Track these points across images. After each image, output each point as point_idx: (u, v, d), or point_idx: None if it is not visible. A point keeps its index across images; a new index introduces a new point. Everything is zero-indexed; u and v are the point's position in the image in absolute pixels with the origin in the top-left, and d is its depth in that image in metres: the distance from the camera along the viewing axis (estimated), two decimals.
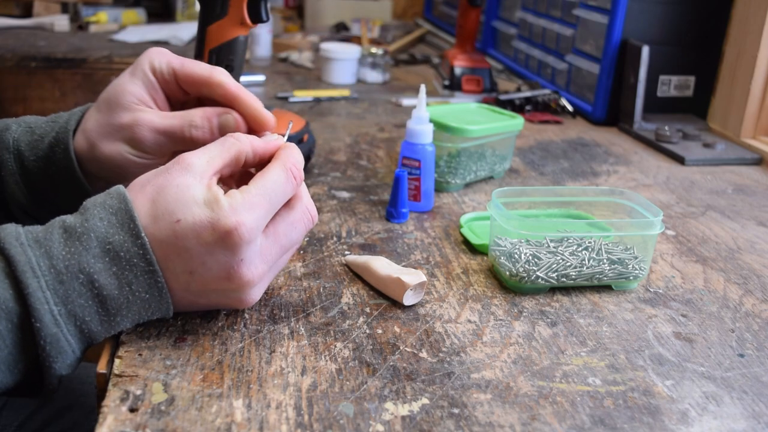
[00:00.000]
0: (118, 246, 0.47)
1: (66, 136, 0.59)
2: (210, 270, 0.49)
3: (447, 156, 0.88)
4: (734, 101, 1.17)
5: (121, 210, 0.48)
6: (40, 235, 0.47)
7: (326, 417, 0.46)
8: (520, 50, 1.60)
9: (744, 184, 0.99)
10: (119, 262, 0.47)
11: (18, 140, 0.61)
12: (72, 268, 0.46)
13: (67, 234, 0.47)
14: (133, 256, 0.47)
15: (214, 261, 0.49)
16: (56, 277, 0.46)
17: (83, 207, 0.49)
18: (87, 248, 0.47)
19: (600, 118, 1.26)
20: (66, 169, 0.60)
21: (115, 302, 0.48)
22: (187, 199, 0.48)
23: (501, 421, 0.47)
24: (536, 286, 0.64)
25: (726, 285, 0.69)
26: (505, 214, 0.64)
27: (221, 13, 0.76)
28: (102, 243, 0.47)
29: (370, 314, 0.59)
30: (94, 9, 2.15)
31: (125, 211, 0.48)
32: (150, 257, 0.48)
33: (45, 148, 0.60)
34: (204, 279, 0.50)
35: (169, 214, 0.48)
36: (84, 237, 0.47)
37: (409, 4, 2.50)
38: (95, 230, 0.47)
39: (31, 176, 0.61)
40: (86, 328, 0.47)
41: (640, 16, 1.20)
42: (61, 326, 0.46)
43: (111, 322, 0.48)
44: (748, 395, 0.51)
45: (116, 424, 0.44)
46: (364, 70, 1.51)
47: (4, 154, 0.61)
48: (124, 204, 0.48)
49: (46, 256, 0.46)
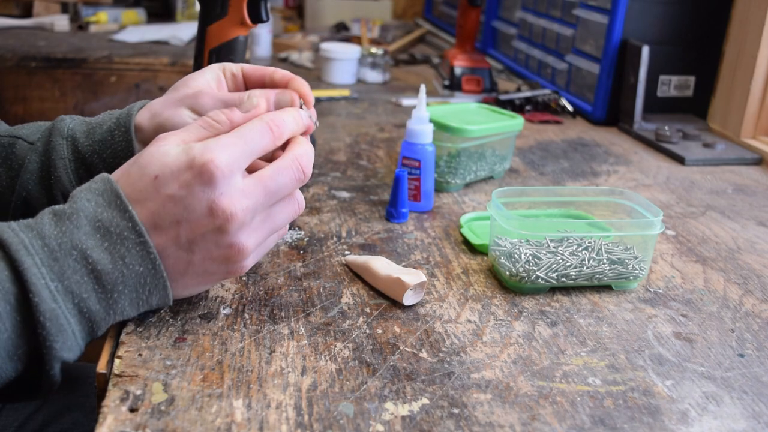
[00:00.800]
0: (108, 222, 0.48)
1: (128, 120, 0.61)
2: (194, 211, 0.50)
3: (447, 156, 0.88)
4: (734, 101, 1.17)
5: (106, 191, 0.50)
6: (30, 222, 0.48)
7: (326, 417, 0.46)
8: (520, 50, 1.60)
9: (744, 184, 0.99)
10: (110, 237, 0.48)
11: (73, 129, 0.62)
12: (65, 246, 0.47)
13: (56, 217, 0.48)
14: (123, 230, 0.48)
15: (196, 200, 0.50)
16: (50, 254, 0.47)
17: (72, 195, 0.51)
18: (77, 226, 0.48)
19: (600, 118, 1.26)
20: (123, 151, 0.61)
21: (110, 277, 0.48)
22: (161, 155, 0.50)
23: (501, 421, 0.47)
24: (536, 286, 0.64)
25: (726, 285, 0.69)
26: (505, 214, 0.64)
27: (221, 13, 0.76)
28: (91, 221, 0.48)
29: (370, 314, 0.59)
30: (94, 9, 2.15)
31: (111, 190, 0.50)
32: (139, 228, 0.49)
33: (103, 133, 0.61)
34: (190, 224, 0.50)
35: (147, 175, 0.50)
36: (74, 217, 0.48)
37: (409, 4, 2.50)
38: (84, 210, 0.49)
39: (84, 161, 0.62)
40: (84, 306, 0.48)
41: (640, 16, 1.20)
42: (59, 302, 0.46)
43: (109, 300, 0.49)
44: (748, 395, 0.51)
45: (116, 424, 0.44)
46: (364, 70, 1.51)
47: (58, 140, 0.62)
48: (108, 185, 0.50)
49: (38, 237, 0.47)
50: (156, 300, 0.52)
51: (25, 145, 0.63)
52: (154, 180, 0.50)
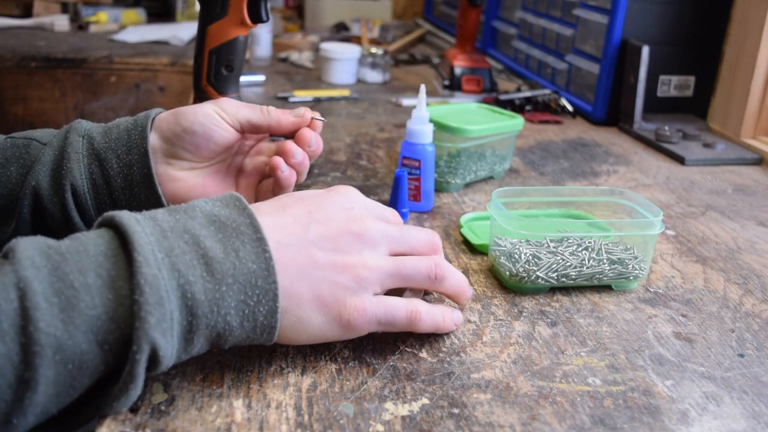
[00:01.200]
0: (224, 217, 0.47)
1: (146, 120, 0.62)
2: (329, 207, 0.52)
3: (447, 156, 0.88)
4: (734, 101, 1.17)
5: (225, 197, 0.49)
6: (145, 213, 0.46)
7: (326, 417, 0.46)
8: (520, 50, 1.60)
9: (744, 184, 0.99)
10: (225, 230, 0.46)
11: (90, 129, 0.63)
12: (176, 229, 0.45)
13: (171, 210, 0.47)
14: (240, 225, 0.46)
15: (332, 205, 0.52)
16: (161, 232, 0.44)
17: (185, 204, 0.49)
18: (192, 217, 0.46)
19: (600, 118, 1.26)
20: (137, 147, 0.61)
21: (221, 266, 0.44)
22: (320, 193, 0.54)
23: (501, 421, 0.47)
24: (536, 286, 0.64)
25: (726, 285, 0.69)
26: (505, 214, 0.64)
27: (221, 13, 0.76)
28: (207, 215, 0.47)
29: None
30: (94, 9, 2.15)
31: (231, 196, 0.49)
32: (257, 224, 0.46)
33: (120, 131, 0.62)
34: (325, 216, 0.51)
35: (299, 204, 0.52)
36: (189, 210, 0.47)
37: (409, 4, 2.50)
38: (200, 206, 0.48)
39: (98, 156, 0.61)
40: (189, 290, 0.42)
41: (640, 16, 1.20)
42: (163, 273, 0.42)
43: (215, 292, 0.43)
44: (748, 395, 0.51)
45: (116, 424, 0.44)
46: (364, 70, 1.51)
47: (74, 137, 0.62)
48: (227, 193, 0.50)
49: (150, 220, 0.45)
50: (262, 313, 0.46)
51: (39, 145, 0.62)
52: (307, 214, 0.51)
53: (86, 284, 0.40)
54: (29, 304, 0.38)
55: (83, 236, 0.44)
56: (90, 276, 0.40)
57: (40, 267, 0.40)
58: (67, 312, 0.39)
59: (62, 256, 0.41)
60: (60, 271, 0.40)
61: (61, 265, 0.40)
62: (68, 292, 0.39)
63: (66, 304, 0.39)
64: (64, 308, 0.39)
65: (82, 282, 0.40)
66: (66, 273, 0.40)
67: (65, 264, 0.40)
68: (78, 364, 0.40)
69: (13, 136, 0.64)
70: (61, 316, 0.39)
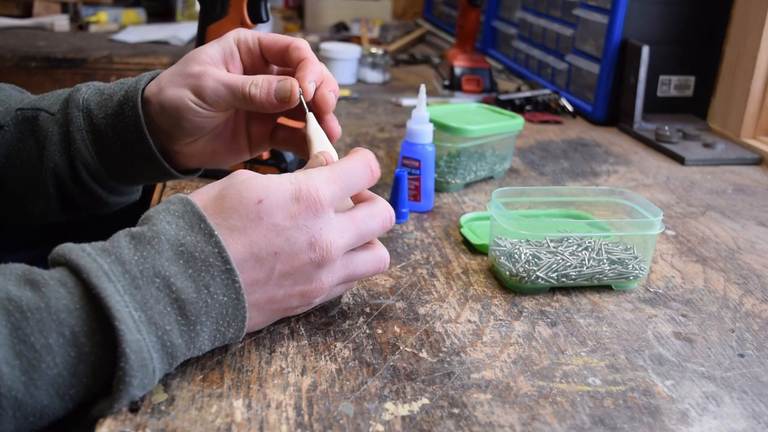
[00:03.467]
0: (192, 246, 0.45)
1: (135, 94, 0.60)
2: (295, 244, 0.49)
3: (447, 156, 0.88)
4: (734, 101, 1.17)
5: (187, 212, 0.47)
6: (106, 245, 0.45)
7: (326, 417, 0.46)
8: (520, 50, 1.60)
9: (744, 184, 0.99)
10: (194, 264, 0.45)
11: (88, 99, 0.62)
12: (146, 273, 0.44)
13: (135, 240, 0.45)
14: (208, 256, 0.45)
15: (299, 231, 0.49)
16: (132, 282, 0.43)
17: (145, 217, 0.47)
18: (159, 251, 0.44)
19: (600, 118, 1.26)
20: (133, 126, 0.60)
21: (194, 307, 0.45)
22: (263, 181, 0.49)
23: (501, 421, 0.47)
24: (536, 286, 0.64)
25: (726, 285, 0.69)
26: (505, 214, 0.64)
27: (221, 13, 0.76)
28: (174, 245, 0.45)
29: (370, 314, 0.59)
30: (94, 9, 2.15)
31: (192, 212, 0.47)
32: (226, 255, 0.46)
33: (114, 106, 0.61)
34: (289, 257, 0.49)
35: (249, 199, 0.48)
36: (154, 241, 0.45)
37: (409, 4, 2.50)
38: (165, 233, 0.45)
39: (99, 133, 0.61)
40: (168, 340, 0.44)
41: (640, 16, 1.20)
42: (143, 334, 0.43)
43: (191, 333, 0.45)
44: (748, 395, 0.51)
45: (116, 424, 0.44)
46: (364, 70, 1.51)
47: (74, 112, 0.61)
48: (189, 206, 0.47)
49: (117, 262, 0.43)
50: (231, 333, 0.48)
51: (47, 116, 0.62)
52: (257, 204, 0.48)
53: (47, 345, 0.41)
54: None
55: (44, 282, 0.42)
56: (52, 336, 0.41)
57: (1, 331, 0.40)
58: (29, 374, 0.40)
59: (23, 314, 0.40)
60: (21, 332, 0.40)
61: (21, 325, 0.40)
62: (29, 354, 0.40)
63: (27, 365, 0.40)
64: (25, 370, 0.40)
65: (43, 343, 0.41)
66: (27, 335, 0.40)
67: (26, 324, 0.40)
68: (39, 415, 0.42)
69: (22, 108, 0.64)
70: (23, 378, 0.40)
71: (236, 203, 0.48)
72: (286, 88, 0.57)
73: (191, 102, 0.58)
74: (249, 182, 0.49)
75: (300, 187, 0.49)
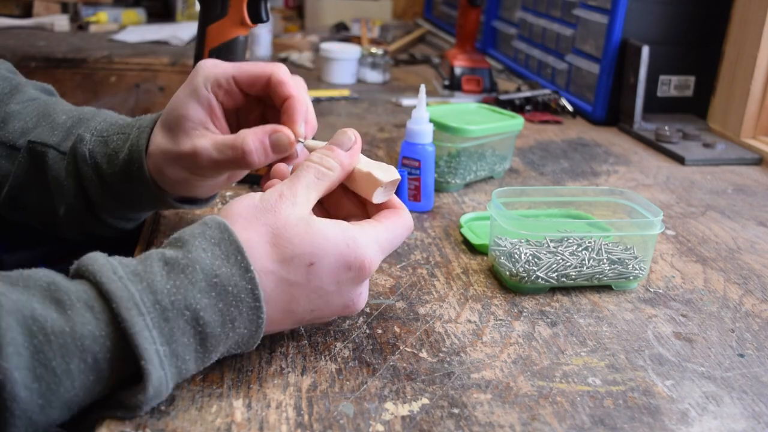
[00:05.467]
0: (226, 280, 0.45)
1: (140, 155, 0.60)
2: (332, 305, 0.50)
3: (447, 156, 0.88)
4: (734, 101, 1.17)
5: (224, 240, 0.46)
6: (138, 268, 0.44)
7: (326, 417, 0.46)
8: (520, 50, 1.60)
9: (744, 184, 0.99)
10: (226, 298, 0.45)
11: (93, 152, 0.63)
12: (178, 304, 0.43)
13: (169, 267, 0.44)
14: (240, 291, 0.45)
15: (339, 297, 0.50)
16: (161, 314, 0.43)
17: (179, 239, 0.46)
18: (192, 282, 0.44)
19: (600, 118, 1.26)
20: (143, 184, 0.61)
21: (215, 340, 0.45)
22: (317, 239, 0.48)
23: (501, 421, 0.47)
24: (536, 286, 0.64)
25: (726, 285, 0.69)
26: (505, 214, 0.64)
27: (221, 13, 0.76)
28: (208, 276, 0.44)
29: (370, 314, 0.59)
30: (94, 9, 2.15)
31: (229, 241, 0.46)
32: (257, 292, 0.45)
33: (121, 164, 0.61)
34: (322, 313, 0.51)
35: (300, 256, 0.47)
36: (188, 269, 0.44)
37: (409, 4, 2.50)
38: (200, 262, 0.44)
39: (111, 188, 0.63)
40: (184, 368, 0.44)
41: (640, 16, 1.20)
42: (165, 368, 0.43)
43: (204, 359, 0.46)
44: (748, 395, 0.51)
45: (116, 424, 0.44)
46: (364, 70, 1.51)
47: (83, 167, 0.62)
48: (226, 234, 0.46)
49: (148, 290, 0.43)
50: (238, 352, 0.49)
51: (56, 155, 0.64)
52: (308, 266, 0.47)
53: (68, 370, 0.41)
54: (7, 395, 0.39)
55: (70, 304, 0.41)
56: (73, 362, 0.41)
57: (22, 353, 0.39)
58: (46, 396, 0.40)
59: (46, 337, 0.40)
60: (42, 356, 0.40)
61: (44, 348, 0.40)
62: (48, 378, 0.40)
63: (45, 389, 0.40)
64: (43, 394, 0.40)
65: (64, 368, 0.40)
66: (49, 359, 0.40)
67: (48, 348, 0.40)
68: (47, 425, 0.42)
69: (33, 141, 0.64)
70: (39, 401, 0.40)
71: (288, 256, 0.47)
72: (283, 141, 0.56)
73: (194, 179, 0.60)
74: (305, 236, 0.47)
75: (351, 256, 0.48)
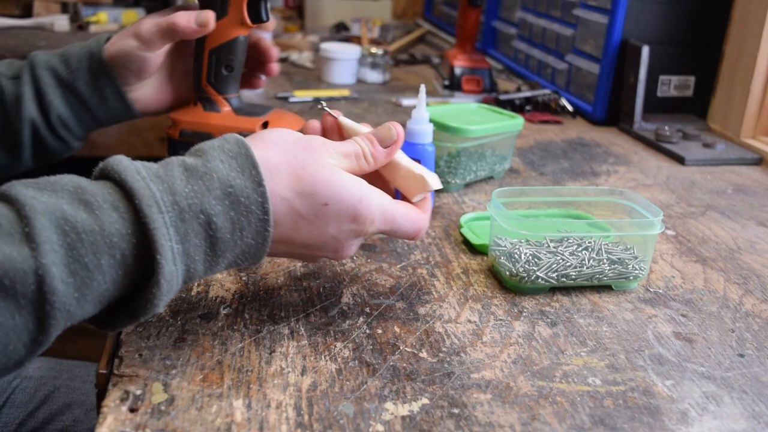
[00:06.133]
0: (240, 190, 0.48)
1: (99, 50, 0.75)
2: (326, 245, 0.54)
3: (447, 156, 0.88)
4: (734, 101, 1.17)
5: (240, 155, 0.49)
6: (160, 171, 0.47)
7: (326, 417, 0.46)
8: (520, 50, 1.60)
9: (744, 184, 0.99)
10: (237, 207, 0.48)
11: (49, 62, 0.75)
12: (194, 207, 0.46)
13: (188, 173, 0.47)
14: (252, 203, 0.48)
15: (335, 243, 0.54)
16: (179, 214, 0.46)
17: (200, 149, 0.50)
18: (209, 188, 0.47)
19: (600, 118, 1.26)
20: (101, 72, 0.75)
21: (224, 245, 0.48)
22: (338, 186, 0.51)
23: (501, 421, 0.47)
24: (536, 286, 0.64)
25: (726, 285, 0.69)
26: (505, 214, 0.64)
27: (221, 13, 0.76)
28: (224, 185, 0.48)
29: (370, 314, 0.59)
30: (94, 9, 2.15)
31: (245, 156, 0.49)
32: (267, 206, 0.49)
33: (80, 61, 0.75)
34: (315, 251, 0.54)
35: (318, 195, 0.51)
36: (206, 177, 0.47)
37: (409, 4, 2.50)
38: (217, 171, 0.48)
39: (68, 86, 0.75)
40: (192, 268, 0.48)
41: (640, 16, 1.20)
42: (177, 265, 0.46)
43: (212, 263, 0.49)
44: (748, 395, 0.51)
45: (116, 424, 0.44)
46: (364, 70, 1.51)
47: (41, 72, 0.74)
48: (243, 149, 0.49)
49: (169, 191, 0.46)
50: (245, 265, 0.52)
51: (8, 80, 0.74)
52: (322, 206, 0.51)
53: (99, 265, 0.43)
54: (47, 288, 0.41)
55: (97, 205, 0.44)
56: (104, 257, 0.43)
57: (57, 250, 0.42)
58: (81, 290, 0.43)
59: (78, 235, 0.43)
60: (76, 252, 0.43)
61: (76, 245, 0.43)
62: (82, 273, 0.43)
63: (80, 283, 0.43)
64: (78, 287, 0.43)
65: (96, 264, 0.43)
66: (81, 255, 0.43)
67: (80, 245, 0.43)
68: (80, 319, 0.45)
69: None
70: (75, 294, 0.43)
71: (307, 191, 0.51)
72: (203, 16, 0.74)
73: (133, 47, 0.73)
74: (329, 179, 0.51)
75: (360, 210, 0.52)
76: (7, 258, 0.40)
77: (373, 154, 0.56)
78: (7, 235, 0.41)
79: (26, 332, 0.42)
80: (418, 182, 0.58)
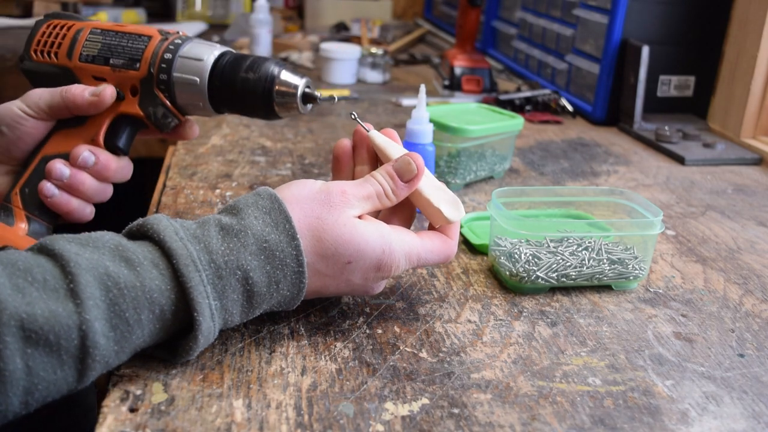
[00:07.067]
0: (274, 245, 0.49)
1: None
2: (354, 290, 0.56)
3: (447, 156, 0.88)
4: (734, 101, 1.17)
5: (274, 210, 0.51)
6: (197, 232, 0.49)
7: (326, 417, 0.46)
8: (520, 50, 1.60)
9: (744, 184, 0.99)
10: (273, 261, 0.49)
11: None
12: (230, 264, 0.48)
13: (224, 231, 0.49)
14: (286, 257, 0.50)
15: (363, 289, 0.56)
16: (216, 272, 0.48)
17: (234, 207, 0.51)
18: (245, 245, 0.49)
19: (600, 118, 1.26)
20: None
21: (260, 298, 0.50)
22: (359, 243, 0.52)
23: (501, 421, 0.47)
24: (536, 286, 0.64)
25: (726, 285, 0.69)
26: (505, 214, 0.64)
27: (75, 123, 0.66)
28: (259, 241, 0.49)
29: (370, 314, 0.59)
30: (94, 9, 2.15)
31: (279, 211, 0.51)
32: (301, 259, 0.50)
33: None
34: (345, 293, 0.56)
35: (340, 255, 0.52)
36: (241, 234, 0.49)
37: (409, 4, 2.50)
38: (252, 228, 0.50)
39: None
40: (230, 320, 0.50)
41: (640, 16, 1.20)
42: (215, 321, 0.48)
43: (248, 314, 0.51)
44: (748, 395, 0.51)
45: (116, 424, 0.44)
46: (364, 70, 1.51)
47: None
48: (276, 204, 0.51)
49: (205, 251, 0.48)
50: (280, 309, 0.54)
51: None
52: (346, 264, 0.52)
53: (139, 320, 0.45)
54: (89, 343, 0.43)
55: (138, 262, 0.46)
56: (144, 313, 0.45)
57: (100, 305, 0.44)
58: (120, 343, 0.45)
59: (120, 290, 0.45)
60: (117, 308, 0.45)
61: (118, 301, 0.45)
62: (123, 327, 0.45)
63: (120, 337, 0.45)
64: (118, 340, 0.45)
65: (136, 319, 0.45)
66: (123, 310, 0.45)
67: (122, 301, 0.45)
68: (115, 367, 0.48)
69: None
70: (115, 348, 0.45)
71: (329, 253, 0.52)
72: (100, 88, 0.64)
73: (18, 109, 0.64)
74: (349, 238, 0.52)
75: (384, 261, 0.53)
76: (53, 314, 0.42)
77: (394, 191, 0.55)
78: (52, 290, 0.43)
79: (65, 384, 0.44)
80: (436, 215, 0.58)
